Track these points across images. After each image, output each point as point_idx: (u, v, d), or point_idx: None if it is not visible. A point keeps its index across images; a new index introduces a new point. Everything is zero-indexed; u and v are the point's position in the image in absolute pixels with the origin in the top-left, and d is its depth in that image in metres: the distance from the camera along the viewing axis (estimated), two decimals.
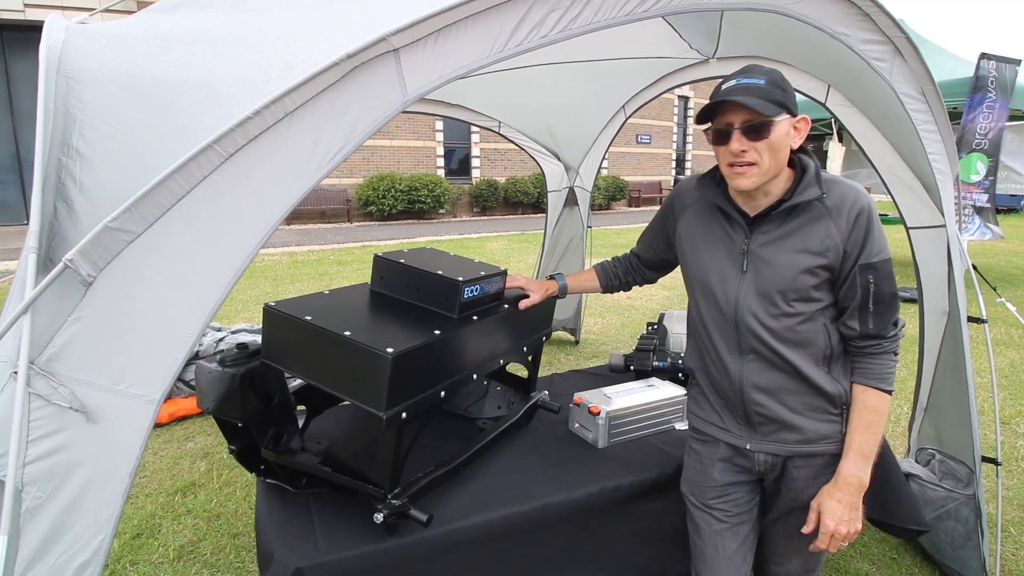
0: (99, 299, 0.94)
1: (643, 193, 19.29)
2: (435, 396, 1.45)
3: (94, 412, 0.95)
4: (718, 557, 1.39)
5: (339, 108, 1.02)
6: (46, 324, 0.92)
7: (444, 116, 3.53)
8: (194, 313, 0.99)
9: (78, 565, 0.96)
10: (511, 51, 1.13)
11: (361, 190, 13.89)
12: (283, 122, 0.99)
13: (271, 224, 1.02)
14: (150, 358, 0.98)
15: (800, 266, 1.23)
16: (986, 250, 9.87)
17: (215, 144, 0.94)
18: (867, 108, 1.98)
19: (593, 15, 1.18)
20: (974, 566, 2.03)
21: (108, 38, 1.30)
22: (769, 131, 1.17)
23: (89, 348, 0.95)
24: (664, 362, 2.44)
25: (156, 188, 0.93)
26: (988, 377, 4.05)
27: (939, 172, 1.79)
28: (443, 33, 1.07)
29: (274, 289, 6.82)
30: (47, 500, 0.94)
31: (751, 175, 1.21)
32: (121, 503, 0.98)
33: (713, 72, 2.80)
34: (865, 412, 1.26)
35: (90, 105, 1.09)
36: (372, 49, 1.01)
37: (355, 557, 1.37)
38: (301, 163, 1.02)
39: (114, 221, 0.91)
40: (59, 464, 0.94)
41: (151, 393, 0.98)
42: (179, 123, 1.05)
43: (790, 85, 1.21)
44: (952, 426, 2.14)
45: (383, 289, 1.70)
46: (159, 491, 2.69)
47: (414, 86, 1.07)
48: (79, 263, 0.90)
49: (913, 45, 1.56)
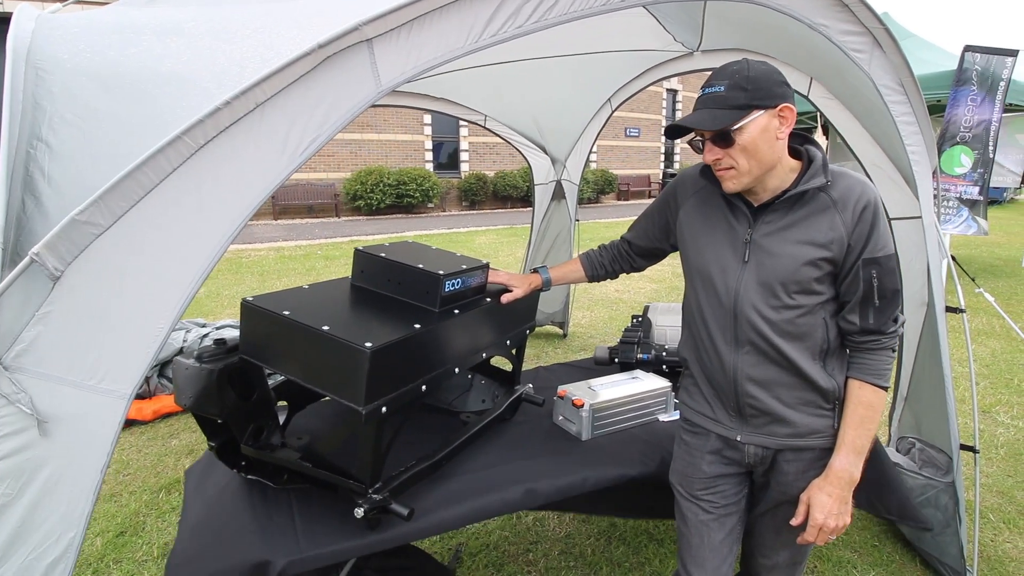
0: (67, 293, 0.92)
1: (632, 187, 19.33)
2: (416, 390, 1.44)
3: (57, 413, 0.93)
4: (703, 547, 1.39)
5: (311, 99, 1.01)
6: (13, 320, 0.90)
7: (429, 110, 3.51)
8: (165, 307, 0.97)
9: (48, 563, 0.95)
10: (487, 41, 1.11)
11: (349, 184, 13.80)
12: (254, 113, 0.97)
13: (243, 216, 1.00)
14: (121, 353, 0.96)
15: (803, 257, 1.22)
16: (968, 242, 9.99)
17: (184, 135, 0.92)
18: (848, 100, 1.99)
19: (569, 5, 1.16)
20: (953, 552, 2.06)
21: (80, 28, 1.28)
22: (734, 137, 1.17)
23: (58, 343, 0.93)
24: (648, 354, 2.45)
25: (124, 180, 0.91)
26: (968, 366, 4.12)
27: (916, 163, 1.81)
28: (417, 23, 1.05)
29: (260, 284, 6.76)
30: (15, 497, 0.92)
31: (731, 178, 1.23)
32: (92, 500, 0.97)
33: (698, 65, 2.80)
34: (859, 407, 1.26)
35: (60, 96, 1.07)
36: (344, 39, 0.99)
37: (335, 552, 1.36)
38: (273, 154, 1.00)
39: (81, 214, 0.89)
40: (27, 461, 0.92)
41: (122, 388, 0.97)
42: (150, 115, 1.03)
43: (767, 76, 1.17)
44: (931, 415, 2.17)
45: (364, 283, 1.69)
46: (143, 489, 2.67)
47: (388, 77, 1.05)
48: (45, 257, 0.88)
49: (892, 37, 1.57)
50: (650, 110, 20.05)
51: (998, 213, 14.79)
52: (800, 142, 1.28)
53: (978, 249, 9.40)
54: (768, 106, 1.17)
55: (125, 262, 0.95)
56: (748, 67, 1.18)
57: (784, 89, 1.19)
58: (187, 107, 0.98)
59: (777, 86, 1.18)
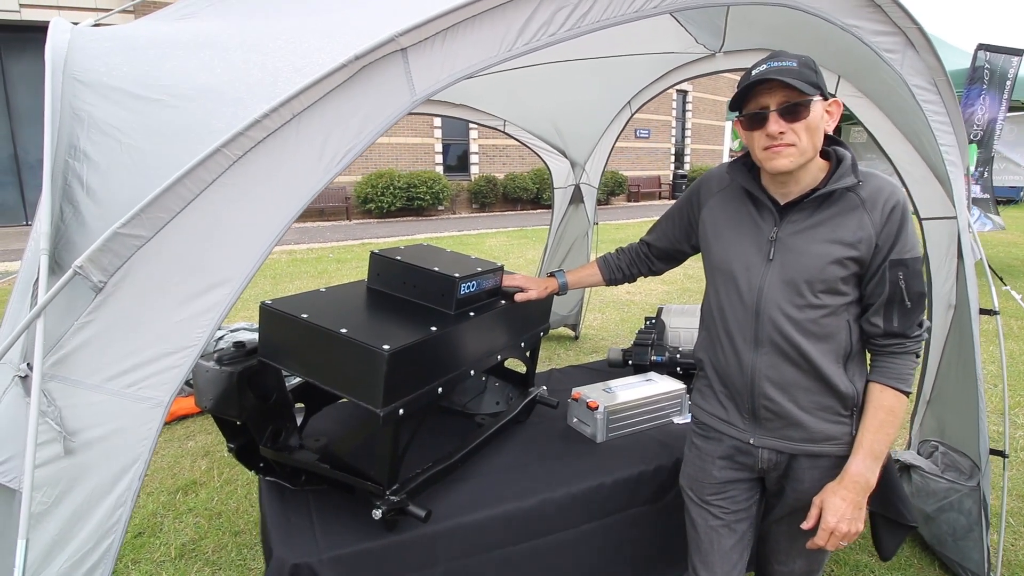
0: (108, 303, 0.94)
1: (642, 188, 19.26)
2: (432, 392, 1.45)
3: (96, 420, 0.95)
4: (713, 552, 1.38)
5: (347, 109, 1.02)
6: (53, 328, 0.92)
7: (450, 116, 3.52)
8: (204, 316, 0.99)
9: (86, 569, 0.96)
10: (520, 50, 1.12)
11: (360, 187, 13.88)
12: (291, 124, 0.99)
13: (282, 226, 1.02)
14: (159, 361, 0.98)
15: (830, 256, 1.20)
16: (986, 241, 9.85)
17: (224, 148, 0.94)
18: (879, 99, 1.96)
19: (602, 13, 1.16)
20: (975, 557, 2.03)
21: (114, 41, 1.30)
22: (807, 111, 1.15)
23: (98, 352, 0.95)
24: (662, 356, 2.44)
25: (165, 193, 0.93)
26: (990, 368, 4.05)
27: (951, 164, 1.78)
28: (451, 32, 1.06)
29: (273, 287, 6.82)
30: (54, 505, 0.94)
31: (789, 155, 1.18)
32: (130, 507, 0.98)
33: (719, 66, 2.78)
34: (880, 411, 1.23)
35: (98, 108, 1.09)
36: (380, 50, 1.01)
37: (354, 553, 1.37)
38: (310, 164, 1.02)
39: (124, 226, 0.91)
40: (66, 468, 0.94)
41: (159, 396, 0.98)
42: (185, 127, 1.05)
43: (820, 69, 1.19)
44: (956, 419, 2.14)
45: (380, 286, 1.70)
46: (160, 490, 2.70)
47: (422, 86, 1.06)
48: (89, 269, 0.90)
49: (925, 36, 1.53)
50: (660, 111, 19.99)
51: (1015, 212, 14.56)
52: (828, 143, 1.27)
53: (995, 249, 9.26)
54: (826, 95, 1.18)
55: (165, 273, 0.96)
56: (805, 55, 1.18)
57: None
58: (221, 119, 0.99)
59: (825, 81, 1.20)
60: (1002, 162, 6.50)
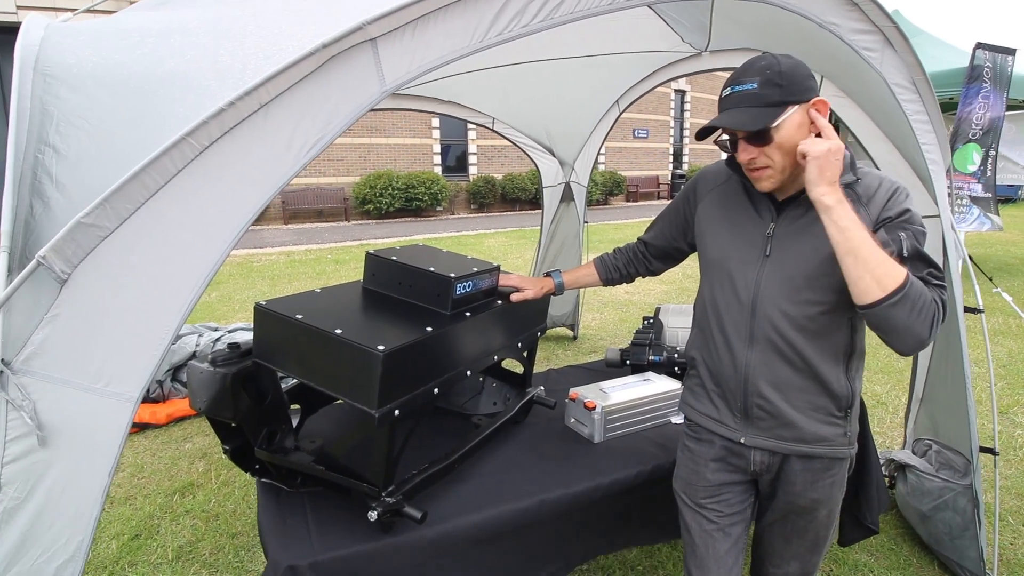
0: (74, 296, 0.93)
1: (640, 188, 19.27)
2: (428, 393, 1.44)
3: (65, 416, 0.94)
4: (708, 557, 1.37)
5: (316, 99, 1.00)
6: (22, 323, 0.91)
7: (438, 113, 3.51)
8: (171, 309, 0.97)
9: (57, 566, 0.95)
10: (493, 40, 1.10)
11: (358, 188, 13.87)
12: (258, 113, 0.97)
13: (248, 217, 1.00)
14: (127, 356, 0.96)
15: (827, 252, 1.18)
16: (983, 240, 9.87)
17: (189, 137, 0.92)
18: (861, 99, 1.97)
19: (576, 4, 1.15)
20: (972, 555, 2.03)
21: (87, 35, 1.29)
22: (771, 136, 1.14)
23: (65, 346, 0.93)
24: (660, 356, 2.43)
25: (129, 183, 0.91)
26: (986, 367, 4.06)
27: (932, 162, 1.79)
28: (421, 22, 1.05)
29: (271, 288, 6.81)
30: (24, 501, 0.93)
31: (768, 176, 1.19)
32: (100, 503, 0.97)
33: (706, 65, 2.79)
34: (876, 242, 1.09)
35: (67, 101, 1.07)
36: (349, 38, 0.99)
37: (350, 555, 1.37)
38: (277, 155, 1.00)
39: (87, 217, 0.89)
40: (35, 464, 0.93)
41: (129, 391, 0.96)
42: (154, 116, 1.03)
43: (797, 70, 1.15)
44: (948, 417, 2.14)
45: (375, 287, 1.69)
46: (157, 492, 2.69)
47: (392, 76, 1.05)
48: (52, 260, 0.89)
49: (903, 35, 1.55)
50: (658, 111, 20.00)
51: (1013, 211, 14.59)
52: None
53: (993, 248, 9.28)
54: (802, 100, 1.15)
55: (131, 264, 0.94)
56: (778, 62, 1.15)
57: (813, 82, 1.17)
58: (189, 107, 0.98)
59: (807, 79, 1.16)
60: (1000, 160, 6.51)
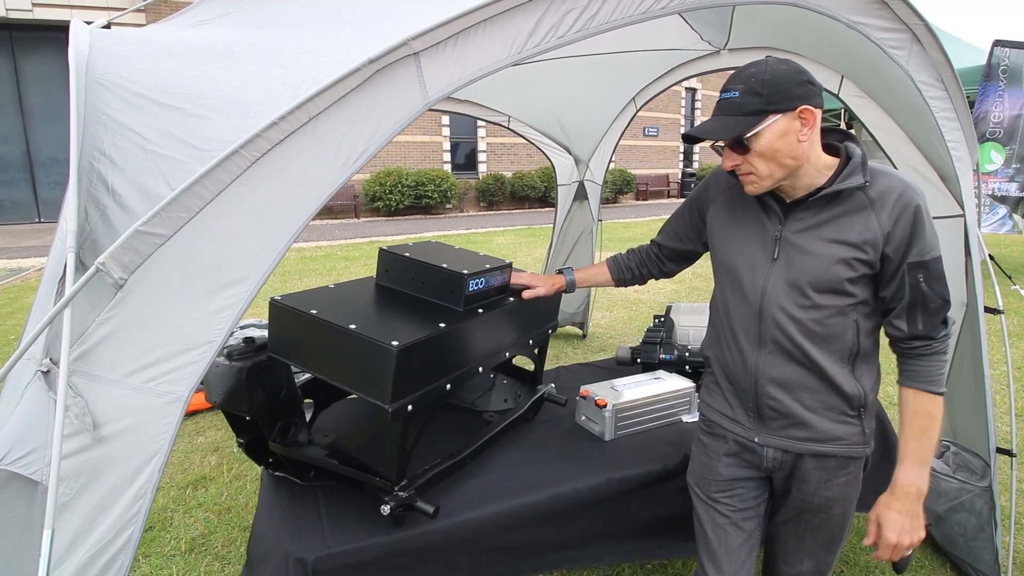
0: (129, 300, 0.97)
1: (650, 186, 19.19)
2: (441, 389, 1.45)
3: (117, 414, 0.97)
4: (720, 549, 1.37)
5: (362, 112, 1.04)
6: (77, 324, 0.95)
7: (453, 112, 3.51)
8: (222, 314, 1.01)
9: (107, 560, 0.98)
10: (529, 52, 1.13)
11: (368, 186, 13.92)
12: (307, 126, 1.01)
13: (298, 225, 1.04)
14: (177, 357, 1.00)
15: (835, 257, 1.18)
16: (1000, 240, 9.73)
17: (242, 149, 0.97)
18: (883, 98, 1.94)
19: (610, 14, 1.17)
20: (986, 558, 2.01)
21: (132, 45, 1.31)
22: (749, 144, 1.15)
23: (118, 347, 0.97)
24: (671, 355, 2.43)
25: (184, 192, 0.95)
26: (1002, 368, 4.00)
27: (958, 160, 1.76)
28: (462, 36, 1.09)
29: (282, 285, 6.85)
30: (77, 496, 0.96)
31: (752, 182, 1.21)
32: (150, 499, 1.00)
33: (724, 63, 2.76)
34: (918, 417, 1.21)
35: (121, 113, 1.12)
36: (393, 53, 1.03)
37: (362, 548, 1.38)
38: (325, 165, 1.04)
39: (144, 225, 0.94)
40: (89, 460, 0.96)
41: (178, 391, 1.00)
42: (208, 136, 1.08)
43: (786, 78, 1.13)
44: (967, 418, 2.12)
45: (388, 283, 1.70)
46: (171, 485, 2.72)
47: (434, 88, 1.09)
48: (110, 266, 0.93)
49: (932, 32, 1.52)
50: (669, 109, 19.90)
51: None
52: (840, 138, 1.25)
53: (1009, 248, 9.15)
54: (786, 109, 1.13)
55: (184, 270, 0.98)
56: (765, 69, 1.13)
57: (806, 89, 1.14)
58: (244, 129, 1.02)
59: (797, 86, 1.13)
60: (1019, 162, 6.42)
